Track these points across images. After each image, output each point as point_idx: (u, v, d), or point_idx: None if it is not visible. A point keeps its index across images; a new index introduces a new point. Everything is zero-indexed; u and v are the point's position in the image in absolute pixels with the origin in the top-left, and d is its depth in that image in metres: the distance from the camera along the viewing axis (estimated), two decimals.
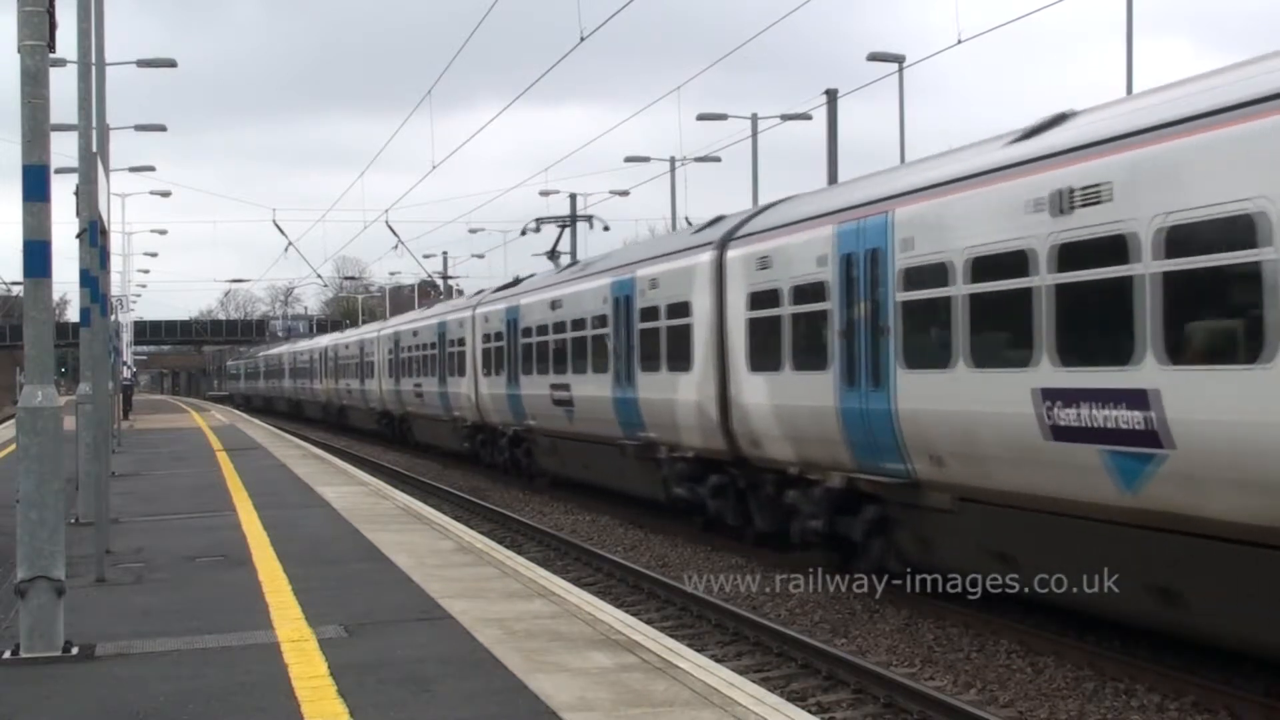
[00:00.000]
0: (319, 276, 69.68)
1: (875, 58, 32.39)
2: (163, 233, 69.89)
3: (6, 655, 9.11)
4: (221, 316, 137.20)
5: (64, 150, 22.33)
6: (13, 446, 13.81)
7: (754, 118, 38.99)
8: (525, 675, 8.34)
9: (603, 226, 43.25)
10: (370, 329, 52.18)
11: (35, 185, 9.39)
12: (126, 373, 53.26)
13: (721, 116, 38.65)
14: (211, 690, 8.13)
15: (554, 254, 38.38)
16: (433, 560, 13.58)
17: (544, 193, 55.20)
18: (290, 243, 54.95)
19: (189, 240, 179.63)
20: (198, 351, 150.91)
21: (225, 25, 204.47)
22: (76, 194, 15.09)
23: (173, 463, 28.84)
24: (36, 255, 9.39)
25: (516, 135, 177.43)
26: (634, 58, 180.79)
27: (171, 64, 34.44)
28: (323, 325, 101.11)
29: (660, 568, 17.65)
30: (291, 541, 15.09)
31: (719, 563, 17.86)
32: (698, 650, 10.63)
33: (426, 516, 18.03)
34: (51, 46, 9.45)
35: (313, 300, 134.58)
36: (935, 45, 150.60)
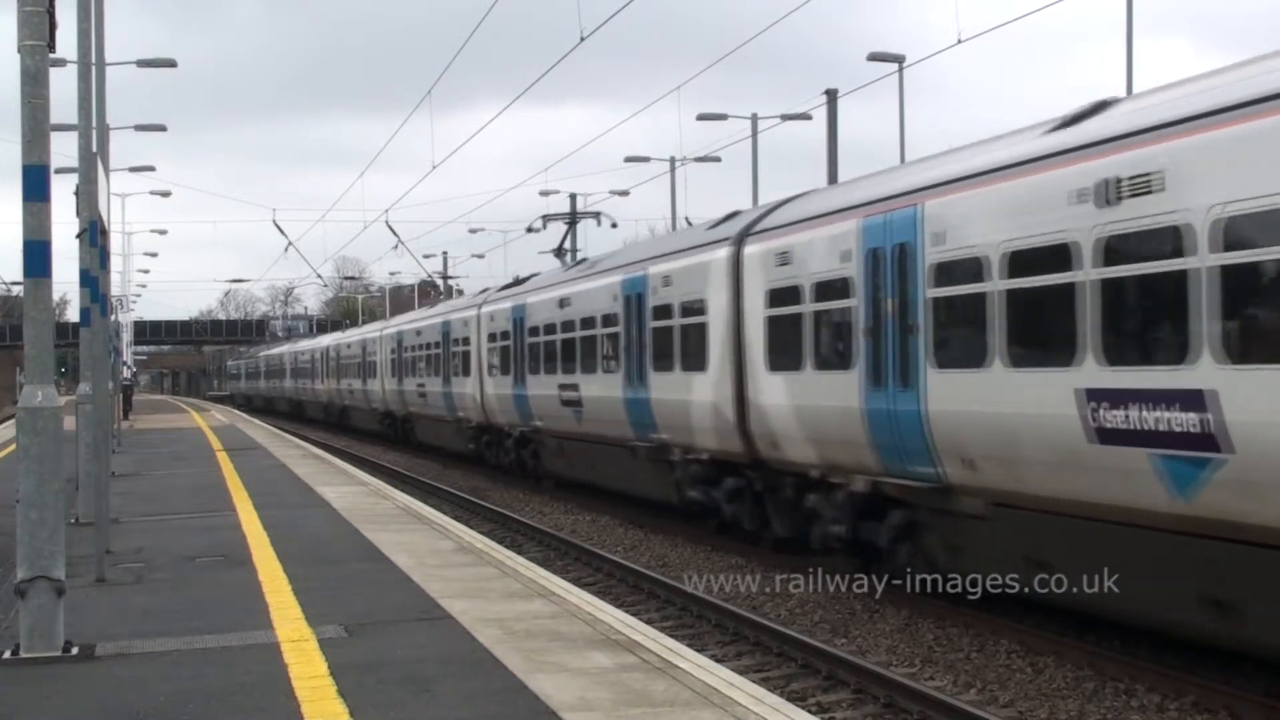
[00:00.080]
0: (319, 276, 69.77)
1: (875, 58, 32.39)
2: (163, 233, 70.01)
3: (6, 655, 9.11)
4: (221, 316, 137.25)
5: (64, 150, 22.34)
6: (13, 446, 13.81)
7: (754, 118, 39.02)
8: (525, 675, 8.34)
9: (610, 223, 43.20)
10: (372, 328, 51.84)
11: (35, 185, 9.39)
12: (126, 373, 53.26)
13: (721, 116, 38.65)
14: (211, 690, 8.13)
15: (561, 251, 38.27)
16: (433, 560, 13.58)
17: (544, 193, 55.23)
18: (290, 243, 54.99)
19: (189, 240, 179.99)
20: (198, 351, 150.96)
21: (225, 25, 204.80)
22: (76, 194, 15.09)
23: (173, 463, 28.84)
24: (36, 255, 9.39)
25: (516, 135, 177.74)
26: (634, 58, 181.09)
27: (171, 64, 34.44)
28: (323, 325, 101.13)
29: (660, 568, 17.65)
30: (291, 541, 15.09)
31: (719, 563, 17.85)
32: (698, 650, 10.63)
33: (426, 516, 18.03)
34: (51, 46, 9.46)
35: (313, 300, 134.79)
36: (935, 45, 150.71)
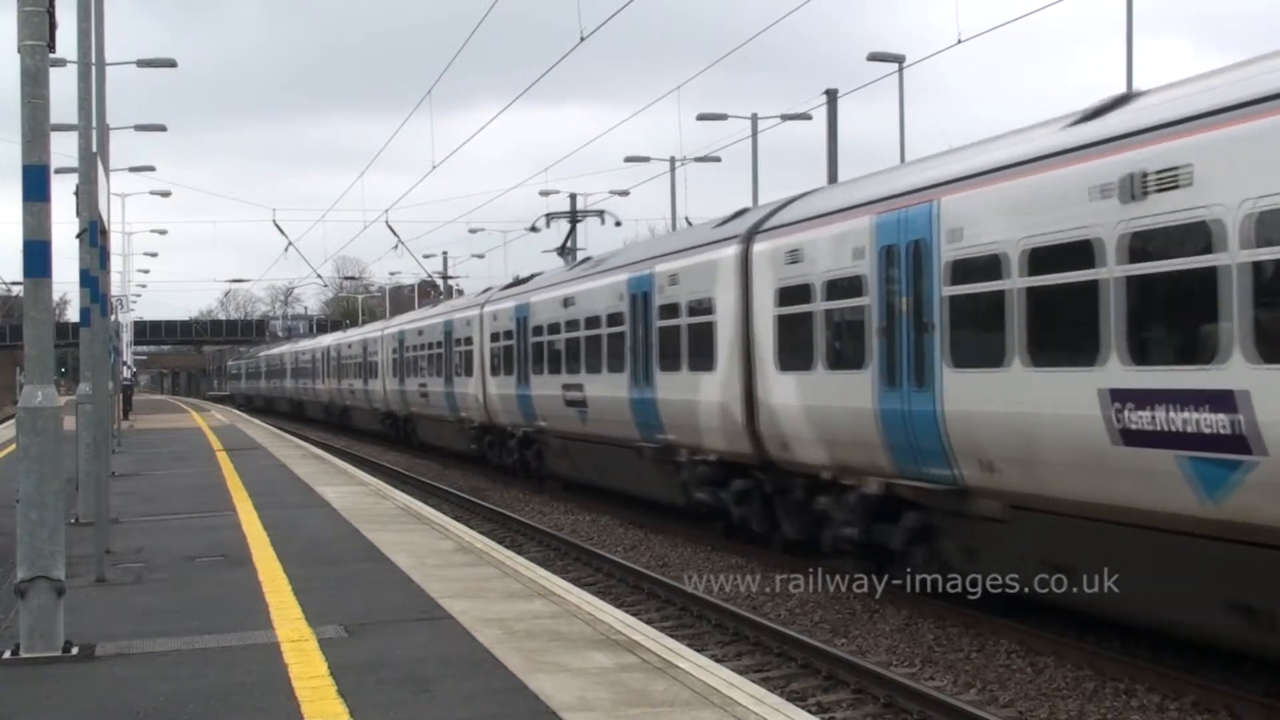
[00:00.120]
0: (319, 276, 69.81)
1: (875, 58, 32.38)
2: (163, 233, 70.04)
3: (6, 655, 9.11)
4: (221, 316, 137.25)
5: (64, 150, 22.34)
6: (13, 446, 13.81)
7: (754, 118, 39.01)
8: (525, 675, 8.34)
9: (614, 222, 43.21)
10: (374, 328, 51.57)
11: (35, 185, 9.39)
12: (126, 373, 53.26)
13: (721, 116, 38.64)
14: (211, 690, 8.13)
15: (565, 250, 38.20)
16: (433, 560, 13.57)
17: (544, 193, 55.20)
18: (290, 243, 54.98)
19: (189, 240, 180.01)
20: (198, 351, 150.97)
21: (225, 25, 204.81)
22: (76, 194, 15.09)
23: (173, 463, 28.84)
24: (36, 255, 9.39)
25: (516, 135, 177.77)
26: (634, 58, 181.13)
27: (171, 64, 34.43)
28: (323, 325, 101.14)
29: (660, 568, 17.65)
30: (291, 541, 15.09)
31: (719, 563, 17.85)
32: (698, 650, 10.63)
33: (426, 516, 18.03)
34: (51, 46, 9.46)
35: (313, 300, 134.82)
36: (935, 45, 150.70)
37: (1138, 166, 10.41)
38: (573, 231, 41.09)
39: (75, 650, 9.21)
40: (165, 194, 56.14)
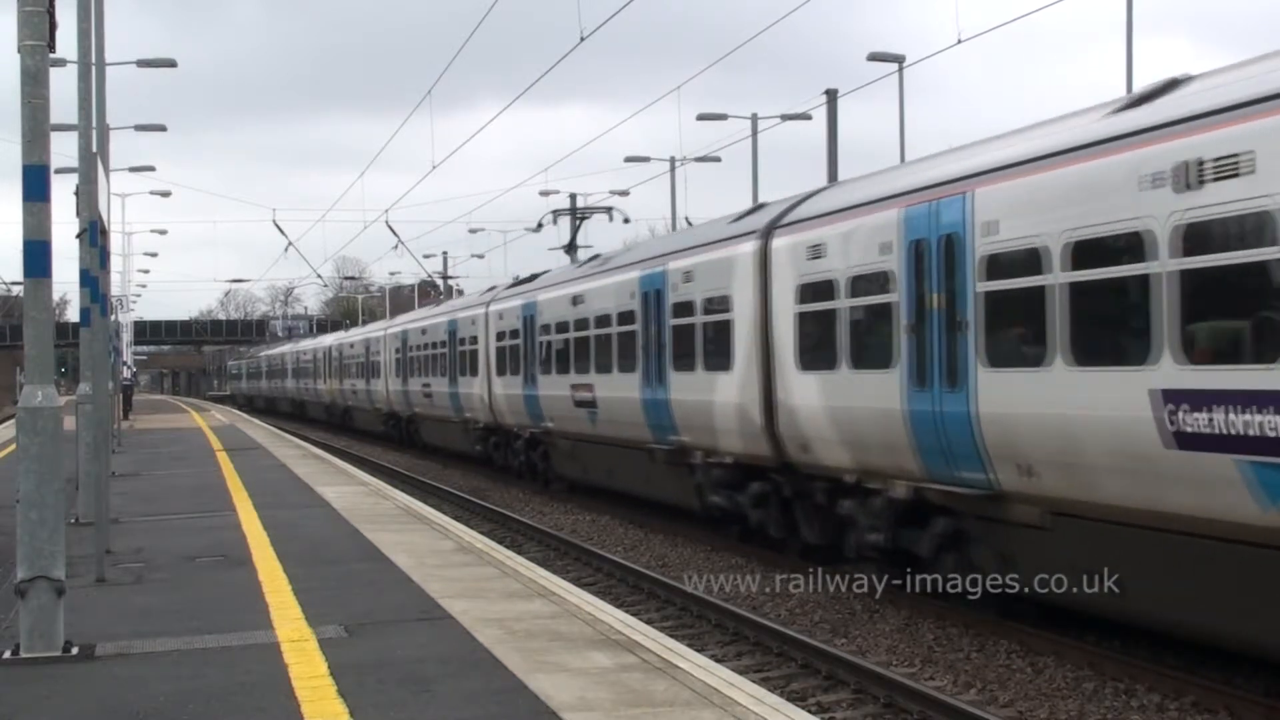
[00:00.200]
0: (319, 276, 69.70)
1: (875, 58, 32.39)
2: (163, 233, 70.07)
3: (6, 655, 9.12)
4: (221, 316, 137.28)
5: (64, 150, 22.38)
6: (13, 446, 13.81)
7: (754, 118, 39.03)
8: (525, 675, 8.34)
9: (623, 219, 43.14)
10: (376, 327, 51.23)
11: (35, 185, 9.40)
12: (126, 373, 53.27)
13: (721, 116, 38.65)
14: (211, 690, 8.13)
15: (573, 247, 38.11)
16: (433, 560, 13.58)
17: (544, 193, 55.30)
18: (290, 243, 54.88)
19: (189, 240, 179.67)
20: (198, 351, 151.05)
21: (225, 25, 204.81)
22: (76, 194, 15.10)
23: (173, 463, 28.84)
24: (36, 255, 9.40)
25: (516, 135, 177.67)
26: (634, 58, 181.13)
27: (171, 64, 34.44)
28: (323, 325, 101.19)
29: (660, 568, 17.65)
30: (291, 541, 15.10)
31: (719, 563, 17.86)
32: (698, 650, 10.64)
33: (426, 516, 18.04)
34: (51, 46, 9.46)
35: (313, 300, 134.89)
36: (935, 45, 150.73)
37: (1193, 154, 9.83)
38: (579, 228, 41.04)
39: (75, 650, 9.21)
40: (165, 194, 56.22)
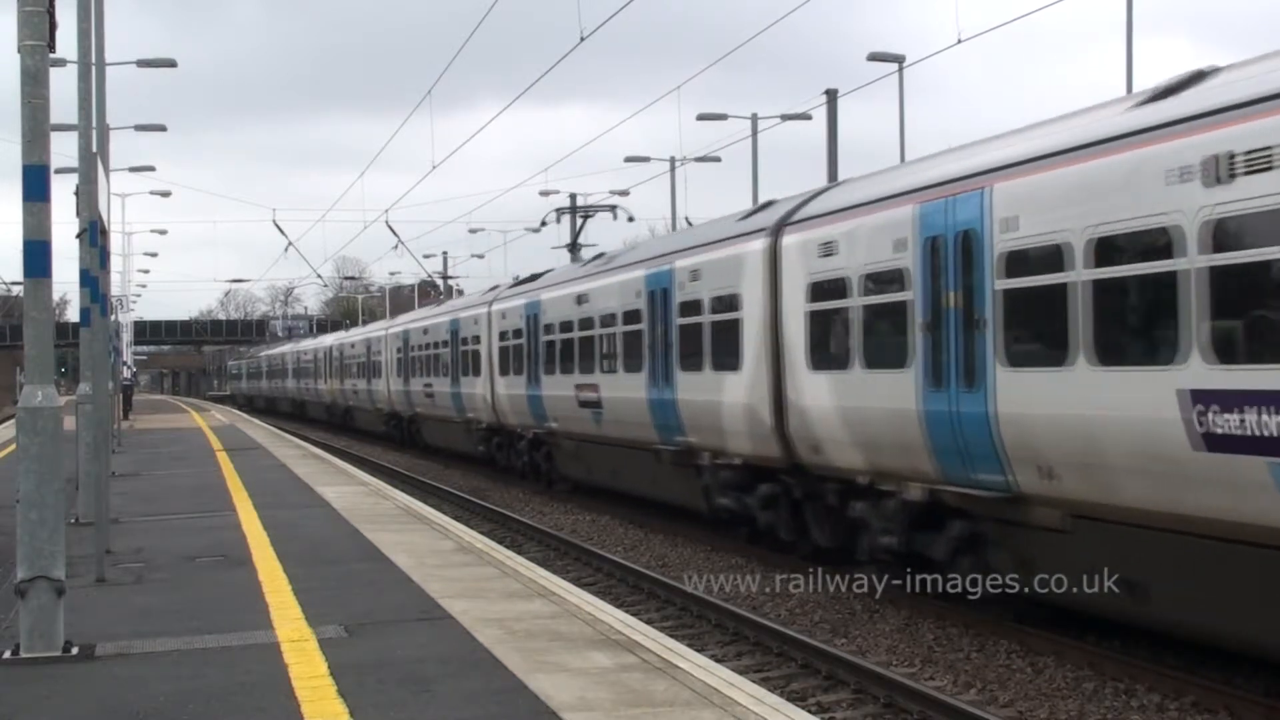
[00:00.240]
0: (319, 276, 69.74)
1: (875, 58, 32.39)
2: (163, 233, 70.07)
3: (6, 655, 9.12)
4: (221, 316, 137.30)
5: (64, 150, 22.39)
6: (13, 446, 13.82)
7: (754, 118, 39.03)
8: (525, 675, 8.34)
9: (627, 217, 43.13)
10: (378, 327, 51.00)
11: (35, 185, 9.40)
12: (126, 373, 53.26)
13: (721, 116, 38.65)
14: (211, 690, 8.13)
15: (575, 246, 38.03)
16: (433, 560, 13.58)
17: (544, 193, 55.35)
18: (290, 243, 54.91)
19: (189, 240, 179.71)
20: (198, 351, 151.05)
21: (225, 25, 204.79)
22: (76, 194, 15.10)
23: (173, 463, 28.84)
24: (36, 255, 9.40)
25: (516, 135, 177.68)
26: (634, 58, 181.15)
27: (171, 64, 34.43)
28: (323, 325, 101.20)
29: (660, 568, 17.65)
30: (291, 541, 15.10)
31: (719, 563, 17.86)
32: (698, 650, 10.63)
33: (426, 516, 18.04)
34: (51, 46, 9.46)
35: (313, 300, 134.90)
36: (935, 45, 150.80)
37: (1223, 147, 9.53)
38: (573, 227, 41.00)
39: (75, 650, 9.21)
40: (165, 194, 56.23)
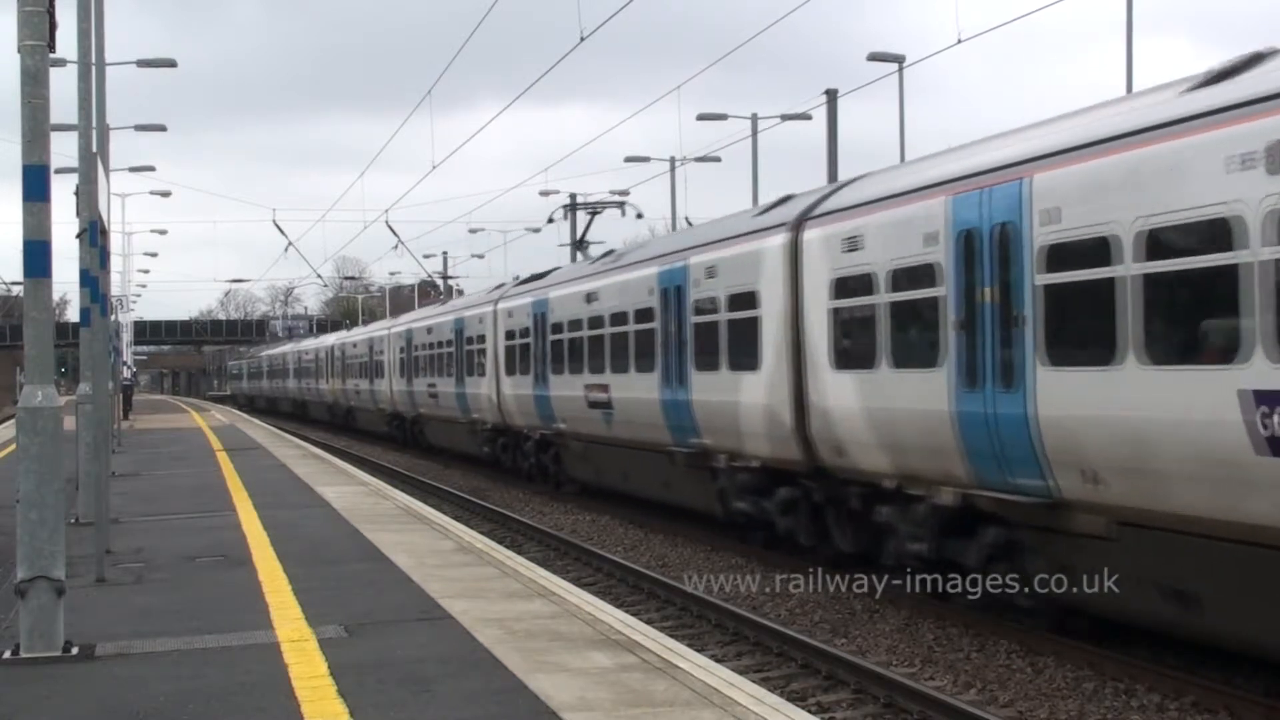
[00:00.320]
0: (319, 276, 69.76)
1: (875, 58, 32.40)
2: (163, 233, 70.16)
3: (6, 655, 9.12)
4: (221, 316, 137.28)
5: (64, 150, 22.37)
6: (13, 446, 13.82)
7: (754, 118, 39.08)
8: (525, 675, 8.34)
9: (635, 214, 43.10)
10: (380, 326, 50.66)
11: (35, 185, 9.40)
12: (126, 373, 53.27)
13: (721, 116, 38.68)
14: (211, 690, 8.13)
15: (583, 243, 37.93)
16: (433, 560, 13.58)
17: (544, 193, 55.48)
18: (290, 243, 54.93)
19: (189, 240, 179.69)
20: (198, 351, 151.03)
21: (225, 25, 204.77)
22: (76, 194, 15.10)
23: (173, 463, 28.84)
24: (36, 255, 9.40)
25: (516, 135, 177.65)
26: (634, 58, 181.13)
27: (171, 64, 34.45)
28: (323, 325, 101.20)
29: (660, 568, 17.65)
30: (291, 541, 15.10)
31: (719, 563, 17.86)
32: (698, 650, 10.64)
33: (426, 516, 18.04)
34: (51, 46, 9.46)
35: (313, 300, 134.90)
36: (935, 45, 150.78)
37: None
38: (572, 225, 41.01)
39: (75, 650, 9.21)
40: (165, 194, 56.28)
